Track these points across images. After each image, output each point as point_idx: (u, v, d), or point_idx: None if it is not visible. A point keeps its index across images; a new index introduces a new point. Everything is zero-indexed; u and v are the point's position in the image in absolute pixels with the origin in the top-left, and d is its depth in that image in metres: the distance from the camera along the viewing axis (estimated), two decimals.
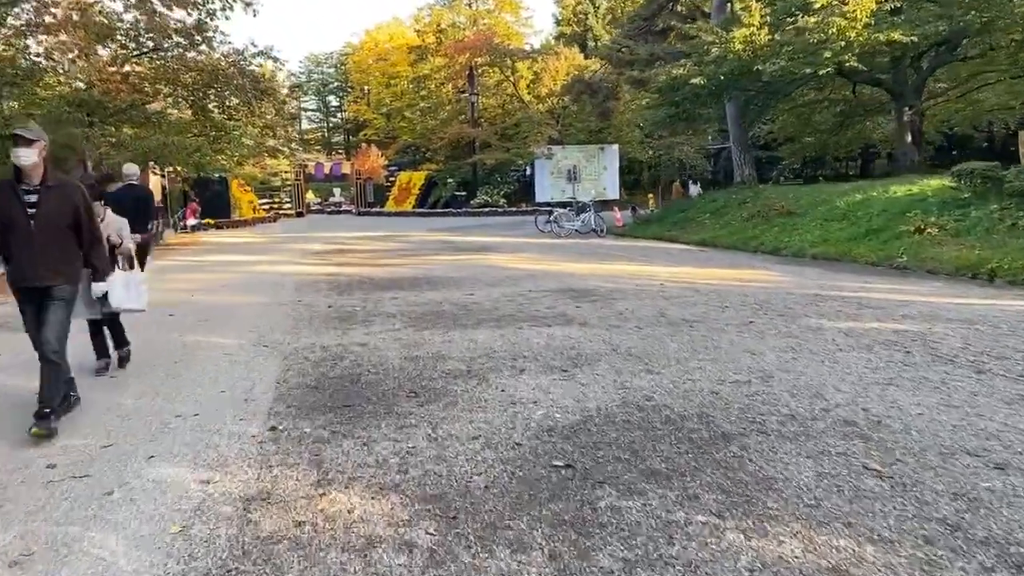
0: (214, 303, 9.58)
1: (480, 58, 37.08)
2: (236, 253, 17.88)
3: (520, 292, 9.67)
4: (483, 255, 15.43)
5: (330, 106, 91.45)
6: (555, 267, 12.73)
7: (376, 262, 14.55)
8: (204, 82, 21.06)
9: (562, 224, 21.65)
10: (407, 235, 23.12)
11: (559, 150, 34.59)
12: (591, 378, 5.22)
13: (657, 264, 13.13)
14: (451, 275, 11.79)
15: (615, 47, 25.53)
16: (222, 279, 12.45)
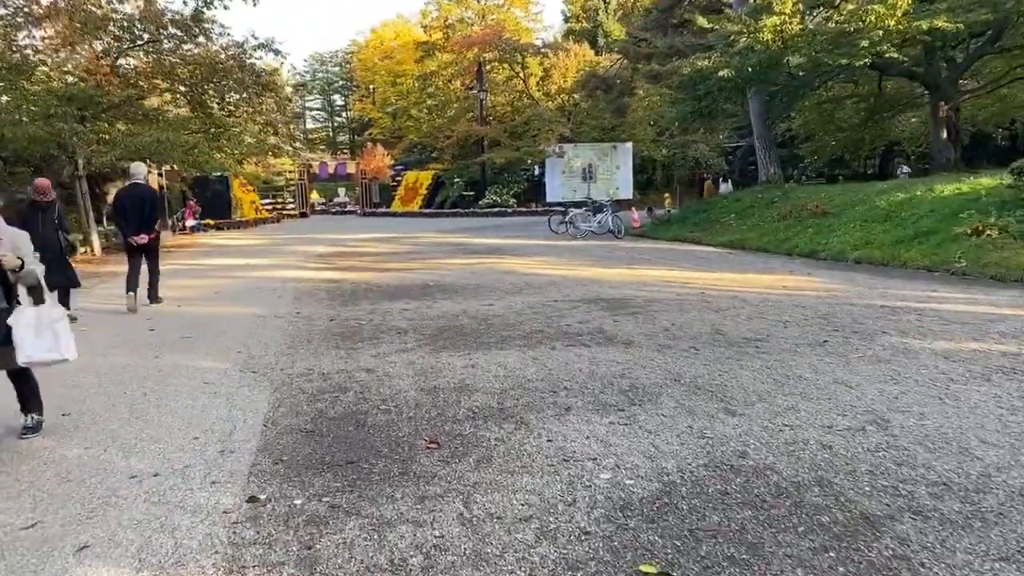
0: (203, 315, 8.53)
1: (489, 54, 36.01)
2: (234, 256, 16.86)
3: (545, 302, 8.60)
4: (497, 258, 14.38)
5: (335, 105, 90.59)
6: (578, 272, 11.67)
7: (383, 267, 13.50)
8: (202, 76, 20.03)
9: (578, 225, 20.58)
10: (415, 237, 22.08)
11: (570, 148, 33.50)
12: (657, 421, 4.14)
13: (688, 269, 12.04)
14: (465, 282, 10.73)
15: (631, 40, 24.43)
16: (215, 286, 11.41)
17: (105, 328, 7.92)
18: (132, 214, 8.97)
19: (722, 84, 18.63)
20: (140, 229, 8.99)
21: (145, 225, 9.05)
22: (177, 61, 20.33)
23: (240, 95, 21.36)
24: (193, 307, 9.24)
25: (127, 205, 9.00)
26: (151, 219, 9.16)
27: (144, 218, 9.03)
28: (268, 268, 13.85)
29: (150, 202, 9.22)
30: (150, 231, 9.13)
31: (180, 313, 8.73)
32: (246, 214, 33.06)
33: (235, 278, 12.36)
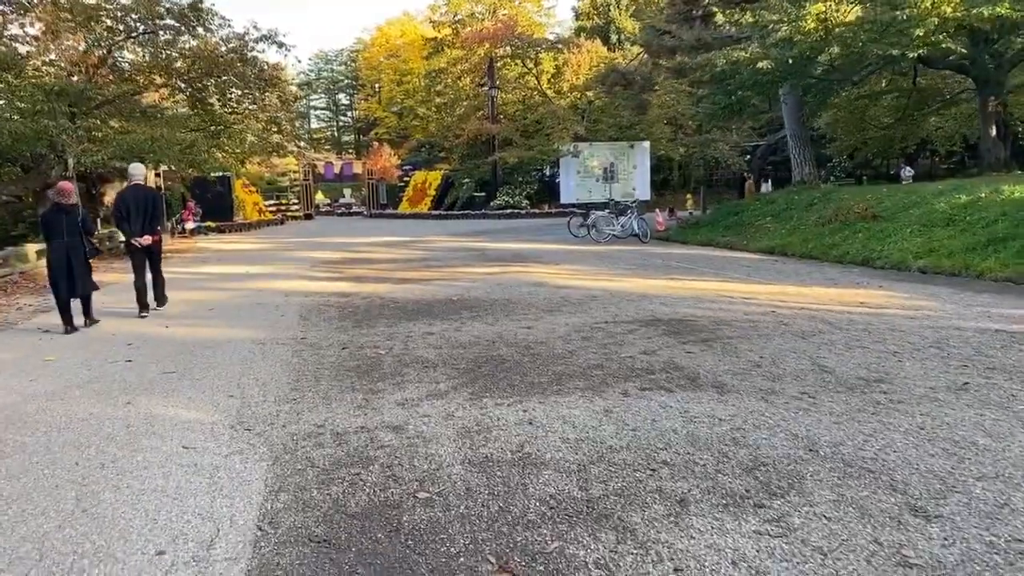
0: (192, 340, 7.28)
1: (501, 49, 34.73)
2: (234, 263, 15.62)
3: (594, 324, 7.33)
4: (522, 267, 13.11)
5: (340, 105, 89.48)
6: (617, 284, 10.40)
7: (397, 276, 12.25)
8: (201, 70, 18.82)
9: (601, 228, 19.30)
10: (427, 240, 20.83)
11: (586, 147, 32.21)
12: (823, 531, 2.87)
13: (739, 280, 10.76)
14: (493, 296, 9.47)
15: (654, 33, 23.13)
16: (211, 300, 10.16)
17: (78, 354, 6.69)
18: (135, 215, 8.69)
19: (757, 78, 17.34)
20: (143, 230, 8.75)
21: (148, 226, 8.80)
22: (175, 55, 19.14)
23: (242, 91, 20.17)
24: (183, 327, 7.99)
25: (129, 206, 8.70)
26: (155, 220, 8.95)
27: (147, 219, 8.79)
28: (270, 278, 12.61)
29: (152, 202, 8.99)
30: (153, 232, 8.89)
31: (166, 337, 7.48)
32: (249, 216, 31.83)
33: (233, 290, 11.11)
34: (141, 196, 8.83)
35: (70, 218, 7.94)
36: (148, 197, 8.98)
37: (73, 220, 7.96)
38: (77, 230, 7.98)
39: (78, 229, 7.99)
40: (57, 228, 7.88)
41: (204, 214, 26.46)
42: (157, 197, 9.58)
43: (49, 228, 7.97)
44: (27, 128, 14.47)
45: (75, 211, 8.08)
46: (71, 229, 7.91)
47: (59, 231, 7.88)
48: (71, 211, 8.00)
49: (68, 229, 7.89)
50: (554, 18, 47.21)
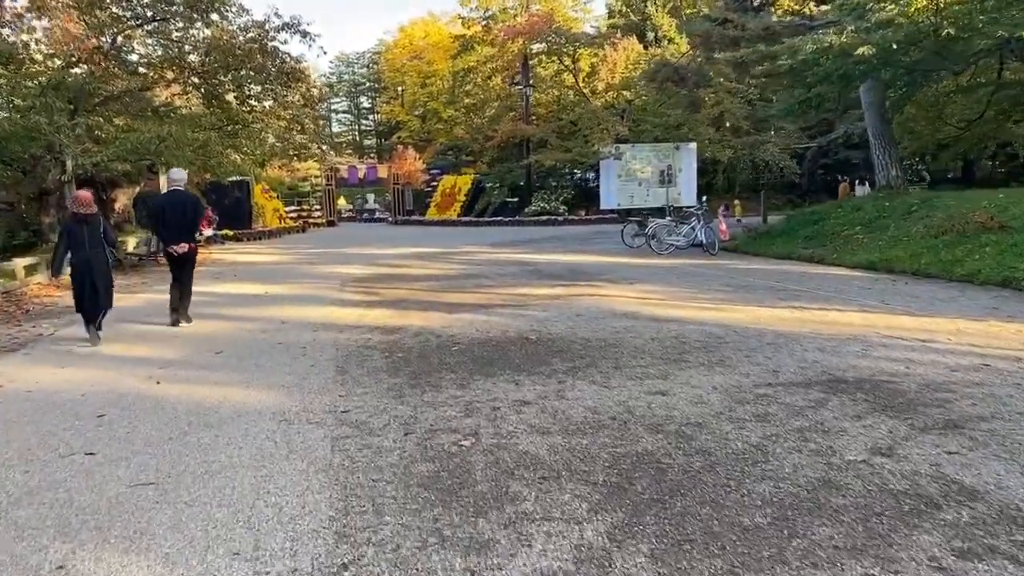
0: (188, 407, 5.20)
1: (536, 45, 32.60)
2: (252, 280, 13.58)
3: (752, 387, 5.18)
4: (591, 287, 10.96)
5: (361, 108, 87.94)
6: (730, 315, 8.21)
7: (446, 301, 10.13)
8: (217, 63, 16.88)
9: (662, 238, 17.10)
10: (465, 252, 18.72)
11: (628, 149, 30.01)
12: None
13: (878, 308, 8.52)
14: (580, 332, 7.32)
15: (710, 23, 20.91)
16: (221, 335, 8.09)
17: (28, 428, 4.62)
18: (172, 222, 8.46)
19: (846, 67, 15.06)
20: (180, 238, 8.49)
21: (185, 234, 8.58)
22: (187, 48, 17.22)
23: (262, 86, 18.21)
24: (178, 382, 5.92)
25: (167, 213, 8.47)
26: (192, 227, 8.80)
27: (185, 226, 8.58)
28: (294, 302, 10.54)
29: (192, 209, 8.71)
30: (191, 240, 8.67)
31: (154, 400, 5.39)
32: (268, 223, 29.86)
33: (249, 320, 9.04)
34: (179, 202, 8.52)
35: (91, 228, 7.68)
36: (187, 203, 8.63)
37: (94, 230, 7.71)
38: (99, 241, 7.73)
39: (100, 240, 7.74)
40: (79, 239, 7.64)
41: (221, 221, 24.52)
42: (197, 203, 9.11)
43: (71, 239, 7.70)
44: (15, 126, 12.55)
45: (96, 221, 7.80)
46: (92, 240, 7.67)
47: (81, 242, 7.63)
48: (92, 221, 7.73)
49: (89, 240, 7.64)
50: (590, 13, 45.06)
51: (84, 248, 7.64)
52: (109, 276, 7.91)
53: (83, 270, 7.62)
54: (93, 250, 7.66)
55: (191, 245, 8.64)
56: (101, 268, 7.73)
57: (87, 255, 7.63)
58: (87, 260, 7.63)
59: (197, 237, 9.08)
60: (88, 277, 7.61)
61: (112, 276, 8.05)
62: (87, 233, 7.65)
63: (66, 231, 7.90)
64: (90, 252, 7.64)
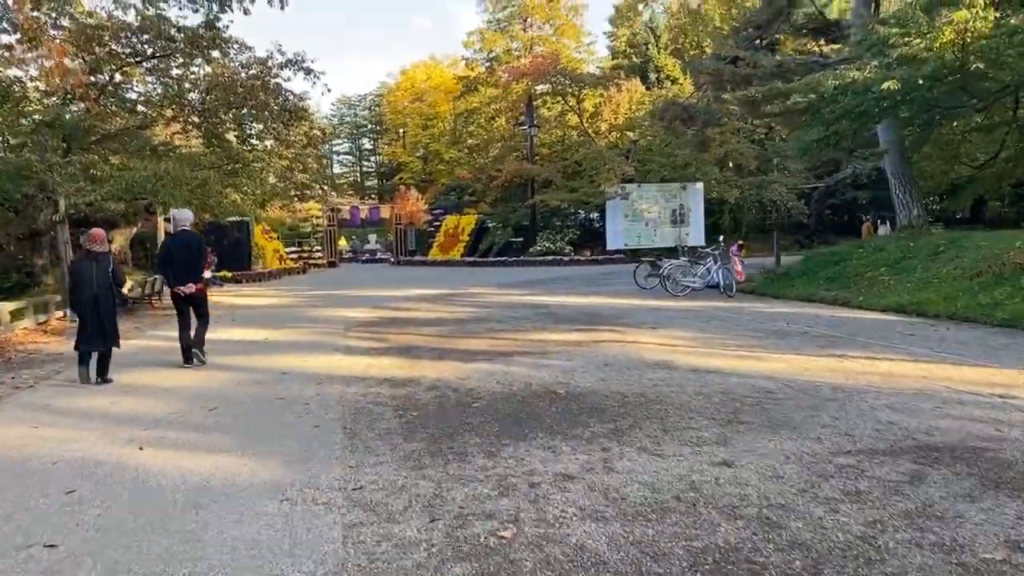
0: (172, 481, 4.46)
1: (541, 85, 32.39)
2: (250, 325, 12.87)
3: (830, 457, 4.46)
4: (613, 332, 10.27)
5: (363, 149, 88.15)
6: (773, 365, 7.51)
7: (460, 347, 9.43)
8: (218, 100, 16.42)
9: (678, 280, 16.45)
10: (472, 293, 18.06)
11: (635, 189, 29.58)
12: None
13: (930, 358, 7.82)
14: (613, 386, 6.61)
15: (724, 61, 20.59)
16: (214, 389, 7.36)
17: None
18: (180, 263, 8.43)
19: (867, 105, 14.59)
20: (188, 278, 8.45)
21: (193, 274, 8.52)
22: (187, 86, 16.77)
23: (264, 124, 17.74)
24: (163, 448, 5.19)
25: (175, 253, 8.47)
26: (199, 267, 8.69)
27: (192, 267, 8.52)
28: (295, 349, 9.83)
29: (198, 249, 8.65)
30: (198, 280, 8.58)
31: (134, 471, 4.66)
32: (269, 264, 29.25)
33: (246, 371, 8.31)
34: (186, 243, 8.49)
35: (100, 267, 7.60)
36: (193, 244, 8.57)
37: (104, 269, 7.61)
38: (107, 280, 7.63)
39: (108, 279, 7.64)
40: (86, 276, 7.55)
41: (219, 263, 23.90)
42: (202, 244, 9.01)
43: (79, 277, 7.62)
44: (7, 164, 11.98)
45: (106, 259, 7.70)
46: (101, 278, 7.57)
47: (89, 280, 7.53)
48: (102, 259, 7.65)
49: (98, 279, 7.55)
50: (594, 55, 45.15)
51: (92, 285, 7.54)
52: (115, 315, 7.82)
53: (90, 307, 7.56)
54: (101, 288, 7.58)
55: (199, 285, 8.58)
56: (108, 307, 7.66)
57: (95, 293, 7.56)
58: (95, 297, 7.56)
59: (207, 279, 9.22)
60: (95, 315, 7.56)
61: (117, 316, 7.94)
62: (96, 271, 7.56)
63: (75, 267, 7.83)
64: (98, 290, 7.56)
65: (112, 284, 7.73)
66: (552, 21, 40.00)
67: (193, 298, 8.56)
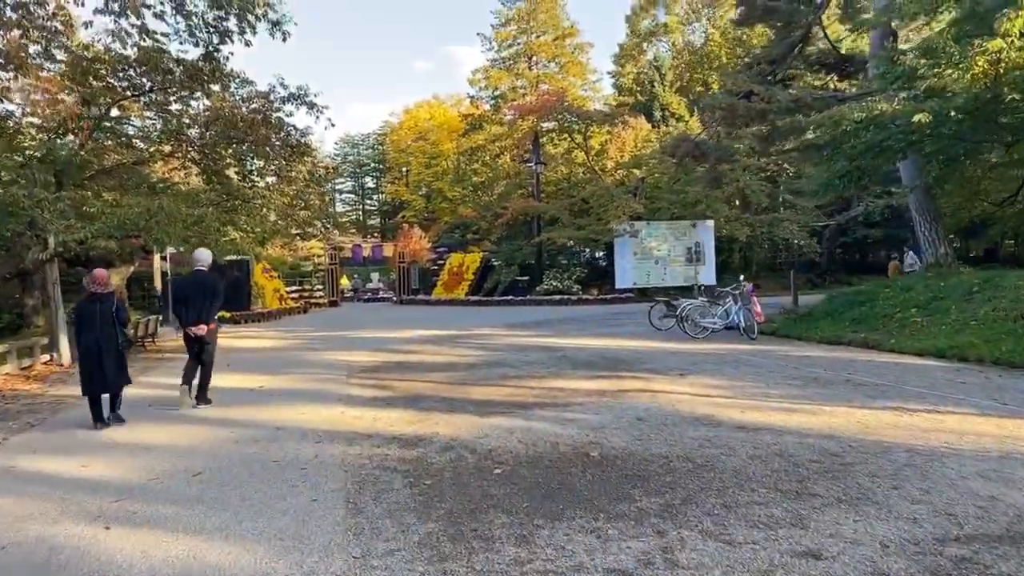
0: (140, 568, 3.68)
1: (548, 122, 32.01)
2: (246, 370, 12.09)
3: (937, 542, 3.70)
4: (637, 380, 9.48)
5: (366, 188, 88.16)
6: (825, 420, 6.71)
7: (471, 396, 8.65)
8: (218, 135, 15.85)
9: (697, 321, 15.70)
10: (480, 335, 17.29)
11: (644, 226, 28.98)
12: None
13: (999, 409, 7.04)
14: (653, 448, 5.82)
15: (730, 96, 20.09)
16: (202, 447, 6.57)
17: None
18: (192, 303, 8.40)
19: (892, 139, 13.97)
20: (199, 319, 8.37)
21: (204, 315, 8.43)
22: (187, 121, 16.22)
23: (265, 160, 17.15)
24: (131, 534, 4.38)
25: (188, 293, 8.45)
26: (211, 309, 8.57)
27: (205, 307, 8.44)
28: (293, 399, 9.04)
29: (211, 291, 8.55)
30: (209, 321, 8.48)
31: (92, 561, 3.87)
32: (269, 304, 28.52)
33: (238, 427, 7.51)
34: (200, 283, 8.47)
35: (104, 307, 7.54)
36: (208, 284, 8.51)
37: (107, 309, 7.55)
38: (111, 320, 7.53)
39: (112, 319, 7.54)
40: (90, 319, 7.48)
41: None
42: (217, 285, 8.81)
43: (81, 319, 7.55)
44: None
45: (110, 300, 7.63)
46: (104, 319, 7.50)
47: (93, 322, 7.47)
48: (105, 300, 7.59)
49: (101, 319, 7.49)
50: (600, 92, 45.00)
51: (95, 328, 7.46)
52: (119, 355, 7.65)
53: (93, 350, 7.43)
54: (104, 330, 7.47)
55: (209, 325, 8.46)
56: (111, 348, 7.50)
57: (97, 335, 7.45)
58: (97, 340, 7.44)
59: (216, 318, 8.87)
60: (97, 358, 7.42)
61: (123, 355, 7.76)
62: (100, 312, 7.49)
63: (79, 310, 7.67)
64: (100, 332, 7.45)
65: (116, 324, 7.57)
66: (557, 59, 39.88)
67: (203, 339, 8.43)
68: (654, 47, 50.53)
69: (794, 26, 20.79)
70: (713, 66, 45.27)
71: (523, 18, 39.25)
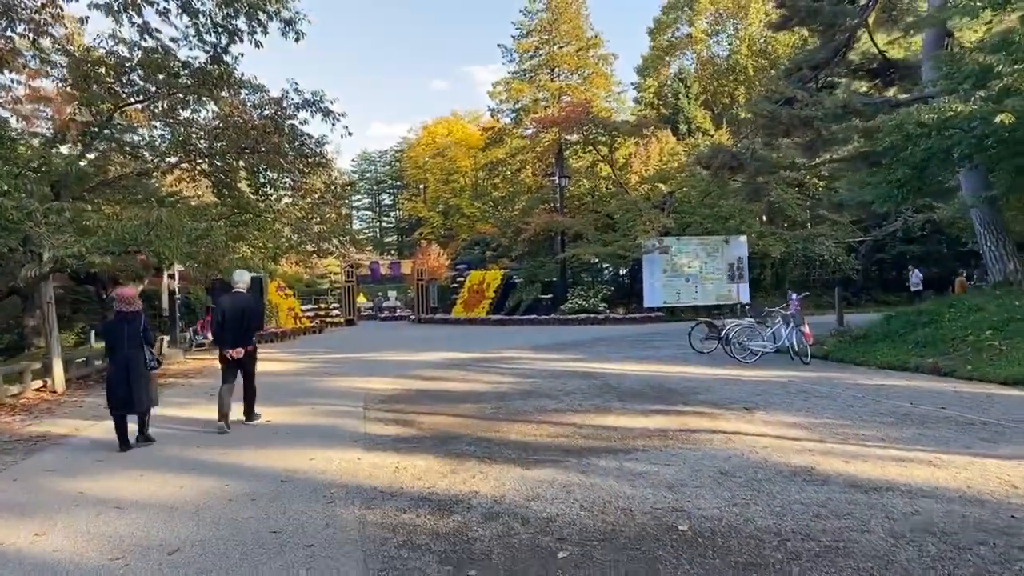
0: None
1: (571, 135, 30.86)
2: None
3: None
4: (699, 417, 8.19)
5: (383, 205, 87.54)
6: (956, 474, 5.40)
7: (509, 437, 7.39)
8: (228, 144, 14.82)
9: (745, 344, 14.38)
10: (507, 357, 16.04)
11: (674, 242, 27.67)
12: None
13: None
14: (758, 520, 4.54)
15: (776, 101, 18.84)
16: (182, 505, 5.36)
17: None
18: (231, 325, 8.19)
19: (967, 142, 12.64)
20: (237, 342, 8.23)
21: (243, 338, 8.29)
22: (195, 128, 15.23)
23: (279, 172, 16.09)
24: None
25: (227, 315, 8.21)
26: (249, 331, 8.42)
27: (243, 330, 8.28)
28: (301, 439, 7.82)
29: (251, 313, 8.44)
30: (247, 344, 8.36)
31: None
32: (283, 323, 27.41)
33: (232, 477, 6.30)
34: (240, 305, 8.33)
35: (131, 327, 7.36)
36: (247, 307, 8.40)
37: (135, 329, 7.37)
38: (138, 340, 7.37)
39: (139, 339, 7.38)
40: (118, 339, 7.34)
41: None
42: (256, 307, 8.79)
43: (109, 339, 7.44)
44: None
45: (137, 319, 7.46)
46: (132, 339, 7.33)
47: (120, 342, 7.32)
48: (133, 319, 7.41)
49: (129, 339, 7.32)
50: (624, 104, 43.83)
51: (123, 347, 7.31)
52: (147, 377, 7.46)
53: (121, 370, 7.27)
54: (132, 349, 7.32)
55: (247, 348, 8.33)
56: (139, 368, 7.33)
57: (126, 355, 7.31)
58: (125, 359, 7.29)
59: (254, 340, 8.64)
60: (124, 379, 7.25)
61: (150, 376, 7.56)
62: (127, 332, 7.32)
63: (105, 331, 7.55)
64: (128, 351, 7.31)
65: (143, 344, 7.40)
66: (581, 70, 38.80)
67: (240, 362, 8.31)
68: (678, 59, 49.45)
69: (838, 28, 19.54)
70: (739, 79, 44.07)
71: (545, 28, 38.28)
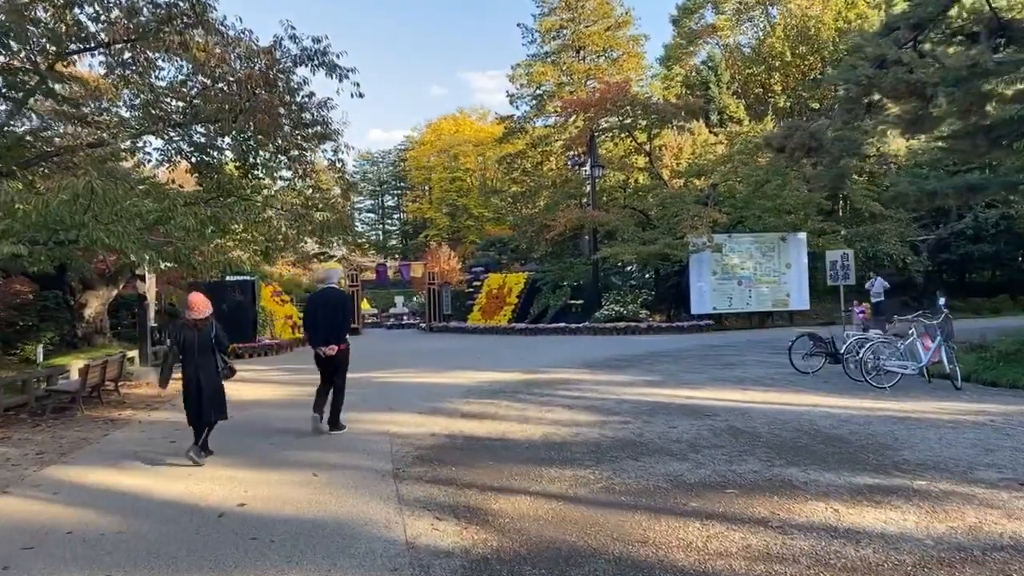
0: None
1: (607, 119, 27.43)
2: (224, 452, 7.49)
3: None
4: (970, 508, 4.81)
5: (386, 207, 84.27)
6: None
7: (670, 556, 4.00)
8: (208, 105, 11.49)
9: (882, 363, 10.96)
10: (562, 380, 12.64)
11: (726, 240, 24.29)
12: None
13: None
14: None
15: (873, 62, 15.51)
16: None
17: None
18: (322, 322, 7.94)
19: None
20: (328, 339, 7.88)
21: (334, 335, 7.92)
22: (161, 87, 11.92)
23: (273, 144, 12.69)
24: None
25: (318, 312, 8.00)
26: (342, 328, 8.07)
27: (334, 327, 7.95)
28: (289, 562, 4.43)
29: (342, 309, 8.11)
30: (340, 341, 7.95)
31: None
32: (279, 333, 23.91)
33: None
34: (331, 301, 8.04)
35: (202, 335, 6.91)
36: (338, 303, 8.11)
37: (206, 336, 6.93)
38: (209, 348, 6.93)
39: (210, 346, 6.94)
40: (189, 349, 6.87)
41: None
42: (347, 303, 8.41)
43: (183, 347, 6.94)
44: None
45: (208, 326, 6.98)
46: (202, 347, 6.89)
47: (191, 352, 6.86)
48: (203, 326, 6.94)
49: (199, 347, 6.87)
50: (657, 88, 40.43)
51: (194, 356, 6.86)
52: (218, 386, 6.97)
53: (193, 379, 6.83)
54: (202, 357, 6.86)
55: (340, 346, 7.90)
56: (209, 377, 6.87)
57: (196, 363, 6.85)
58: (196, 370, 6.85)
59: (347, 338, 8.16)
60: (196, 389, 6.82)
61: (222, 386, 7.05)
62: (198, 340, 6.86)
63: (177, 339, 7.00)
64: (199, 359, 6.85)
65: (215, 352, 6.94)
66: (609, 51, 35.45)
67: (334, 360, 7.93)
68: (706, 47, 46.20)
69: None
70: (774, 65, 40.77)
71: (569, 6, 34.92)
